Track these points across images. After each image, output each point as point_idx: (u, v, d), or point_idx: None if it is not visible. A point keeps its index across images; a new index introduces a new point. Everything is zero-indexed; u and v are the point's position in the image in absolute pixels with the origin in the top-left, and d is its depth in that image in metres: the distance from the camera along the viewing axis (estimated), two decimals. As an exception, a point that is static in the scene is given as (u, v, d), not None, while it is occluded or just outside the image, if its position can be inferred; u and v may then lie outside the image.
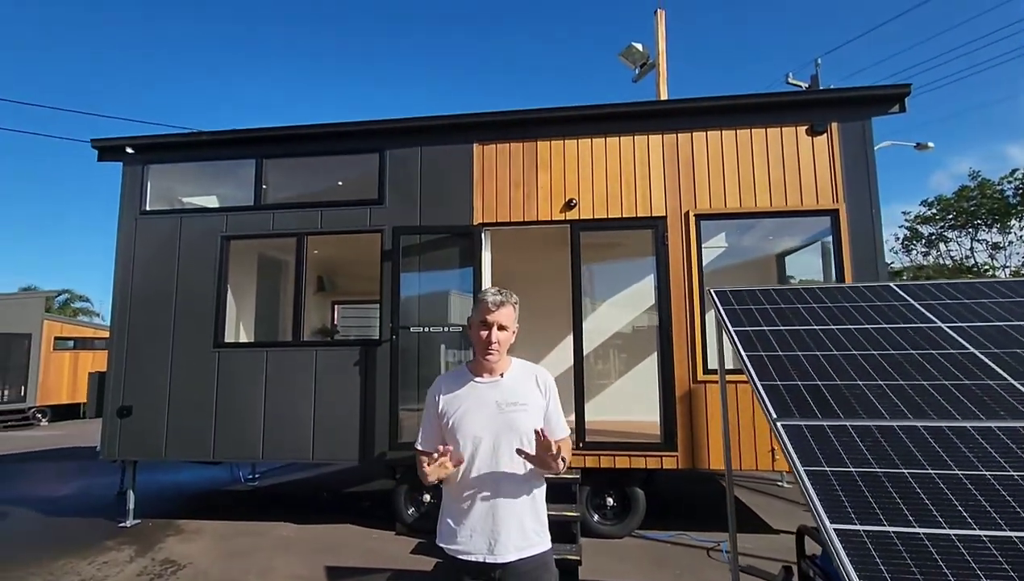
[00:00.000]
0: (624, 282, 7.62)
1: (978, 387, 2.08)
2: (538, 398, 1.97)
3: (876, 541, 1.51)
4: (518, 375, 1.99)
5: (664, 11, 9.93)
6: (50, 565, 4.55)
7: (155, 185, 6.11)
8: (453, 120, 5.56)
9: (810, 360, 2.34)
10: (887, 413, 2.00)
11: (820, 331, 2.54)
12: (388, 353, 5.29)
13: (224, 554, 4.77)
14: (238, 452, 5.50)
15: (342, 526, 5.46)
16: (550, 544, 1.90)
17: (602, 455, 5.00)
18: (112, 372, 5.74)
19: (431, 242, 5.52)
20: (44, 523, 5.78)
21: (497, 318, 1.90)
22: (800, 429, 1.96)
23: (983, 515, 1.56)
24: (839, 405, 2.06)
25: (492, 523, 1.79)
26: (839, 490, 1.68)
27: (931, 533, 1.51)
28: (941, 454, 1.79)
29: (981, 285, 2.82)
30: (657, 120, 5.32)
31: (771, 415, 2.04)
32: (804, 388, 2.17)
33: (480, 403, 1.88)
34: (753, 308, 2.79)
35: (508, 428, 1.85)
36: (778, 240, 7.03)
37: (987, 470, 1.71)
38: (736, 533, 2.98)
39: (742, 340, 2.53)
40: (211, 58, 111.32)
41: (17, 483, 7.75)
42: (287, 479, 7.78)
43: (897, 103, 5.03)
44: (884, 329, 2.51)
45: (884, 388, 2.13)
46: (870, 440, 1.88)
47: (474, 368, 1.97)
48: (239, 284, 6.40)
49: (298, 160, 6.10)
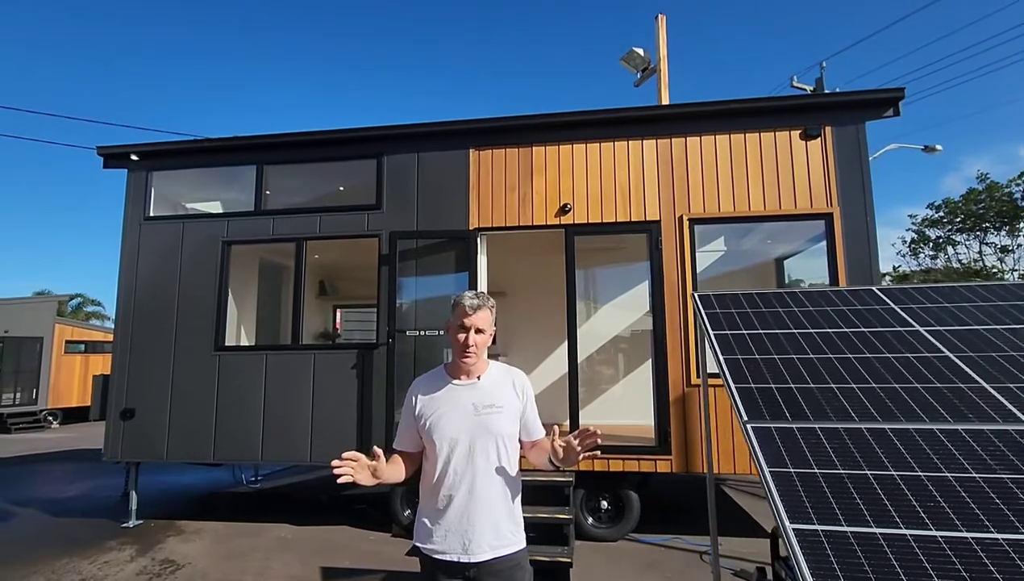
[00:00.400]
0: (624, 286, 7.65)
1: (949, 390, 2.10)
2: (514, 401, 2.00)
3: (833, 541, 1.53)
4: (495, 378, 2.02)
5: (665, 16, 9.98)
6: (52, 564, 4.65)
7: (159, 191, 6.23)
8: (449, 126, 5.62)
9: (786, 363, 2.36)
10: (856, 415, 2.02)
11: (799, 334, 2.57)
12: (385, 356, 5.35)
13: (223, 554, 4.84)
14: (238, 454, 5.58)
15: (340, 528, 5.52)
16: (524, 544, 1.94)
17: (596, 458, 5.00)
18: (116, 375, 5.85)
19: (428, 247, 5.58)
20: (49, 523, 5.89)
21: (474, 322, 1.94)
22: (769, 431, 1.99)
23: (940, 516, 1.58)
24: (810, 408, 2.08)
25: (467, 523, 1.82)
26: (801, 491, 1.71)
27: (887, 533, 1.54)
28: (905, 456, 1.81)
29: (963, 289, 2.83)
30: (651, 125, 5.36)
31: (742, 417, 2.07)
32: (777, 391, 2.20)
33: (457, 405, 1.91)
34: (734, 312, 2.82)
35: (483, 430, 1.89)
36: (777, 243, 7.03)
37: (949, 472, 1.73)
38: (717, 536, 3.00)
39: (721, 344, 2.56)
40: (213, 63, 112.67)
41: (25, 485, 7.88)
42: (288, 481, 7.86)
43: (891, 107, 5.04)
44: (862, 333, 2.53)
45: (856, 391, 2.15)
46: (837, 442, 1.90)
47: (452, 370, 2.01)
48: (241, 288, 6.50)
49: (298, 166, 6.20)
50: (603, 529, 5.04)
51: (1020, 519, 1.55)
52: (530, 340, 7.61)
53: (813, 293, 2.93)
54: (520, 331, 7.70)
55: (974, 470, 1.72)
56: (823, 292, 2.94)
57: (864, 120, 5.04)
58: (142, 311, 5.91)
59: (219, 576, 4.37)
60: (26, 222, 62.24)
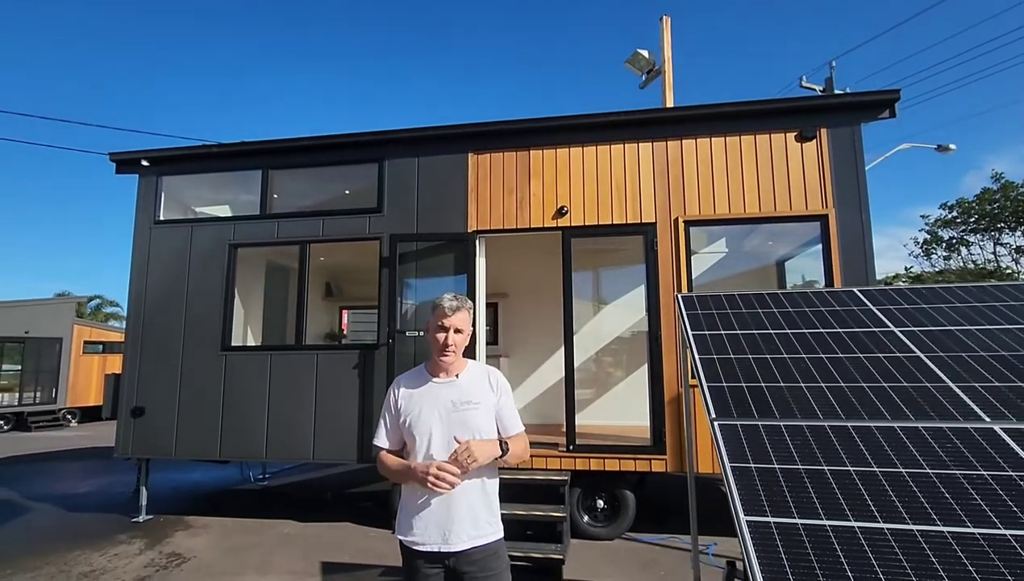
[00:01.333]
0: (626, 287, 7.69)
1: (915, 389, 2.14)
2: (490, 396, 2.09)
3: (783, 532, 1.60)
4: (473, 376, 2.11)
5: (669, 17, 10.00)
6: (65, 556, 4.82)
7: (168, 195, 6.42)
8: (449, 130, 5.73)
9: (759, 363, 2.42)
10: (821, 413, 2.08)
11: (775, 335, 2.62)
12: (385, 356, 5.46)
13: (227, 549, 4.98)
14: (243, 451, 5.73)
15: (342, 525, 5.64)
16: (502, 534, 2.02)
17: (592, 458, 5.09)
18: (126, 374, 6.03)
19: (427, 249, 5.68)
20: (63, 518, 6.09)
21: (453, 322, 2.03)
22: (735, 428, 2.05)
23: (890, 509, 1.63)
24: (777, 406, 2.14)
25: (446, 515, 1.91)
26: (759, 485, 1.77)
27: (836, 525, 1.60)
28: (864, 452, 1.86)
29: (942, 290, 2.86)
30: (646, 128, 5.41)
31: (710, 414, 2.13)
32: (748, 390, 2.26)
33: (435, 402, 2.00)
34: (715, 313, 2.88)
35: (461, 426, 1.98)
36: (778, 245, 7.04)
37: (904, 467, 1.78)
38: (697, 534, 3.06)
39: (698, 344, 2.62)
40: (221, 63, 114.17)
41: (42, 481, 8.13)
42: (295, 479, 8.02)
43: (887, 108, 5.05)
44: (837, 333, 2.58)
45: (824, 390, 2.20)
46: (799, 439, 1.96)
47: (431, 369, 2.10)
48: (247, 290, 6.66)
49: (303, 171, 6.35)
50: (599, 528, 5.10)
51: (967, 512, 1.60)
52: (532, 341, 7.69)
53: (794, 294, 2.98)
54: (522, 332, 7.78)
55: (928, 466, 1.77)
56: (804, 293, 2.98)
57: (859, 122, 5.06)
58: (152, 312, 6.09)
59: (222, 570, 4.50)
60: (42, 221, 63.65)
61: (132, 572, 4.48)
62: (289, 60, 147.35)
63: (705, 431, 4.78)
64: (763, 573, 1.46)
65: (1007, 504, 1.61)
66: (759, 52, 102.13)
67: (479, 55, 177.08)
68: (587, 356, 7.39)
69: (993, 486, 1.68)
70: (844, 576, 1.43)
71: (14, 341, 14.79)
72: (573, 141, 5.52)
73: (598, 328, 7.59)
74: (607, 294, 7.81)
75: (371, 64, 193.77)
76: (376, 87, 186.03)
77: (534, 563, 4.32)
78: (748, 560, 1.53)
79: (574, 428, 5.19)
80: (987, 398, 2.07)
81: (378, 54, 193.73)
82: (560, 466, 5.07)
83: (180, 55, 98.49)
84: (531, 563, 4.32)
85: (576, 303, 5.45)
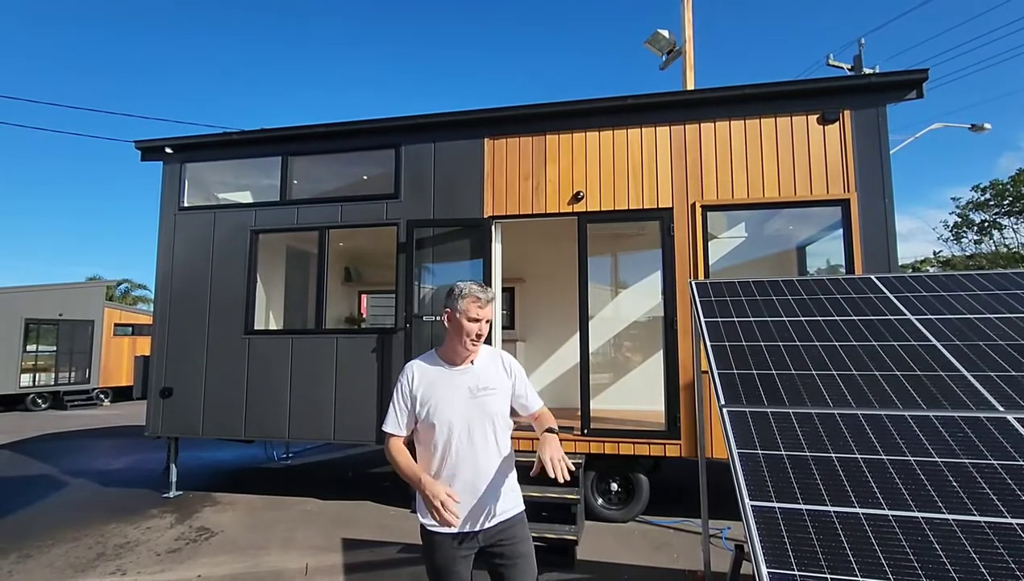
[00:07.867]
0: (645, 271, 7.65)
1: (928, 378, 2.13)
2: (505, 381, 2.13)
3: (787, 517, 1.62)
4: (486, 361, 2.14)
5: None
6: (101, 528, 5.06)
7: (192, 182, 6.56)
8: (465, 116, 5.73)
9: (771, 350, 2.42)
10: (832, 401, 2.08)
11: (788, 322, 2.61)
12: (403, 341, 5.56)
13: (252, 524, 5.18)
14: (266, 431, 5.91)
15: (362, 503, 5.80)
16: (523, 506, 2.08)
17: (607, 441, 5.14)
18: (155, 356, 6.24)
19: (444, 234, 5.73)
20: (98, 492, 6.37)
21: (485, 314, 2.04)
22: (744, 415, 2.07)
23: (896, 496, 1.65)
24: (788, 393, 2.15)
25: (473, 498, 1.96)
26: (765, 471, 1.80)
27: (840, 511, 1.62)
28: (873, 440, 1.87)
29: (962, 277, 2.81)
30: (663, 112, 5.35)
31: (720, 401, 2.15)
32: (758, 377, 2.27)
33: (454, 390, 2.02)
34: (728, 300, 2.87)
35: (480, 412, 2.02)
36: (800, 229, 6.92)
37: (912, 456, 1.78)
38: (709, 518, 3.10)
39: (711, 331, 2.62)
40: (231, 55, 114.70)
41: (78, 457, 8.48)
42: (318, 459, 8.24)
43: (914, 89, 4.90)
44: (852, 321, 2.56)
45: (836, 377, 2.20)
46: (808, 426, 1.97)
47: (446, 355, 2.12)
48: (269, 274, 6.81)
49: (322, 157, 6.42)
50: (613, 510, 5.17)
51: (974, 501, 1.60)
52: (549, 326, 7.73)
53: (809, 282, 2.96)
54: (539, 317, 7.82)
55: (938, 455, 1.78)
56: (819, 281, 2.96)
57: (884, 103, 4.92)
58: (178, 296, 6.27)
59: (247, 544, 4.69)
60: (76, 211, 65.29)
61: (164, 544, 4.69)
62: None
63: (719, 417, 4.80)
64: (766, 557, 1.49)
65: (1016, 493, 1.61)
66: (789, 28, 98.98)
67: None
68: (604, 341, 7.41)
69: (1003, 475, 1.68)
70: (846, 561, 1.46)
71: (49, 323, 15.33)
72: (589, 125, 5.48)
73: (615, 313, 7.59)
74: (626, 278, 7.79)
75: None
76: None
77: (548, 543, 4.41)
78: (752, 544, 1.56)
79: (589, 412, 5.24)
80: (1003, 387, 2.05)
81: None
82: (575, 449, 5.13)
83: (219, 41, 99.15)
84: (545, 543, 4.41)
85: (593, 288, 5.46)
